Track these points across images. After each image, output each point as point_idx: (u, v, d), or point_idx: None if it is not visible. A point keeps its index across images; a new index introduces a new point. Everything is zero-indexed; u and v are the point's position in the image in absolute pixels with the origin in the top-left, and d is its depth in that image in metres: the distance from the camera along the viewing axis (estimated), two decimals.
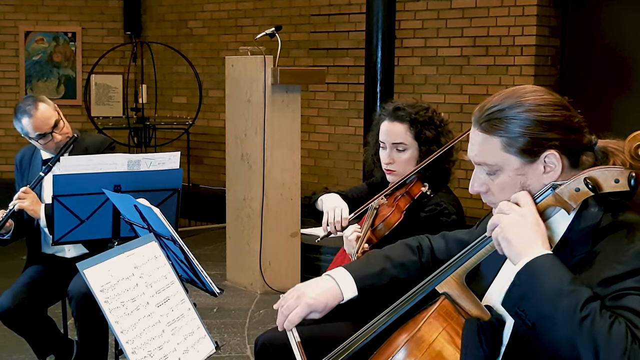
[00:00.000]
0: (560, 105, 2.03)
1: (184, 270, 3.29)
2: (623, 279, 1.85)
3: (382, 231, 3.17)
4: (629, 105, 7.35)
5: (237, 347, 5.30)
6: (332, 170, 8.85)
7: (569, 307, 1.80)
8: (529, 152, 2.00)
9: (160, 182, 3.87)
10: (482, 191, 2.12)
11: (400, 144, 3.30)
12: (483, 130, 2.05)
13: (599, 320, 1.78)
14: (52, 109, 4.32)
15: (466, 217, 3.40)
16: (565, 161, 2.01)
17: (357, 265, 2.46)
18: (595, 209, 1.99)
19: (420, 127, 3.27)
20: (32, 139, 4.33)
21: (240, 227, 6.59)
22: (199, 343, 2.54)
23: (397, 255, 2.48)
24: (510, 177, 2.04)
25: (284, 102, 6.36)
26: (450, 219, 3.19)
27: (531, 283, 1.88)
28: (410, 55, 8.25)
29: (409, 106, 3.32)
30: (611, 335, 1.76)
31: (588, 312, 1.79)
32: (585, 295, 1.82)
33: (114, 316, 2.31)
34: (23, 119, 4.27)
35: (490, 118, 2.03)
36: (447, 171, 3.36)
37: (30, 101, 4.32)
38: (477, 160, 2.09)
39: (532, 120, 1.99)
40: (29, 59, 10.42)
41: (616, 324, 1.78)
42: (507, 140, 2.01)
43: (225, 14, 9.84)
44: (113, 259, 2.42)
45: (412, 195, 3.25)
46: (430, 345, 2.05)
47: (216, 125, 9.82)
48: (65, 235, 3.92)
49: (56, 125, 4.29)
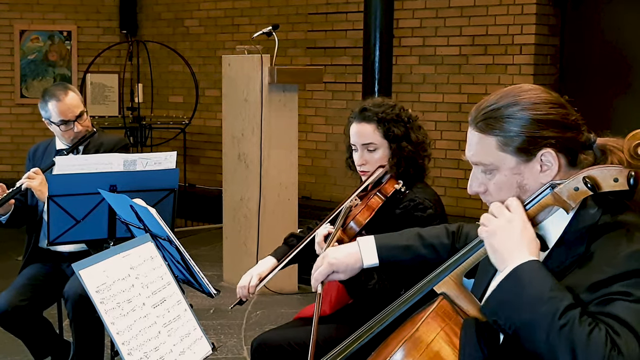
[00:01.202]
0: (556, 103, 2.03)
1: (180, 271, 3.30)
2: (611, 283, 1.84)
3: (352, 230, 3.16)
4: (628, 104, 7.36)
5: (234, 349, 5.29)
6: (330, 170, 8.83)
7: (548, 314, 1.81)
8: (524, 151, 2.00)
9: (157, 182, 3.87)
10: (481, 191, 2.12)
11: (370, 144, 3.30)
12: (479, 130, 2.05)
13: (578, 327, 1.78)
14: (80, 100, 4.41)
15: (465, 218, 3.38)
16: (562, 160, 2.01)
17: (386, 236, 2.60)
18: (593, 210, 1.98)
19: (388, 125, 3.28)
20: (53, 123, 4.36)
21: (237, 227, 6.57)
22: (195, 344, 2.54)
23: (430, 236, 2.58)
24: (506, 176, 2.04)
25: (281, 101, 6.36)
26: (426, 213, 3.18)
27: (513, 290, 1.88)
28: (409, 54, 8.25)
29: (375, 105, 3.33)
30: (590, 341, 1.76)
31: (567, 319, 1.79)
32: (566, 303, 1.82)
33: (109, 317, 2.31)
34: (50, 101, 4.33)
35: (485, 117, 2.04)
36: (422, 167, 3.36)
37: (61, 87, 4.41)
38: (474, 160, 2.09)
39: (528, 119, 1.99)
40: (24, 58, 10.42)
41: (596, 331, 1.77)
42: (502, 139, 2.01)
43: (221, 13, 9.85)
44: (109, 260, 2.42)
45: (385, 194, 3.23)
46: (429, 345, 2.05)
47: (213, 124, 9.82)
48: (60, 236, 3.90)
49: (80, 116, 4.35)
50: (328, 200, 8.57)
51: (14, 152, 10.40)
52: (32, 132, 10.33)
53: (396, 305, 2.26)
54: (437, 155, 7.82)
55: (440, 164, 7.80)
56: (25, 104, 10.40)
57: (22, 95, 10.44)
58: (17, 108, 10.46)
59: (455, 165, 7.71)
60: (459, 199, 7.56)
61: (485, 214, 2.03)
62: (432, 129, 7.90)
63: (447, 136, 7.91)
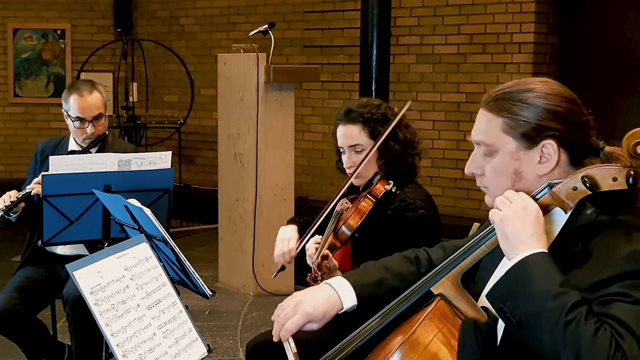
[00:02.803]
0: (567, 98, 2.06)
1: (175, 272, 3.28)
2: (609, 283, 1.85)
3: (344, 235, 3.16)
4: (629, 102, 7.37)
5: (230, 351, 5.29)
6: (326, 170, 8.80)
7: (556, 309, 1.81)
8: (528, 138, 2.03)
9: (151, 182, 3.87)
10: (478, 173, 2.15)
11: (356, 145, 3.30)
12: (488, 109, 2.09)
13: (585, 325, 1.78)
14: (103, 102, 4.41)
15: (463, 218, 3.36)
16: (563, 155, 2.02)
17: (354, 274, 2.43)
18: (591, 210, 1.99)
19: (374, 125, 3.28)
20: (69, 117, 4.35)
21: (232, 228, 6.58)
22: (190, 346, 2.54)
23: (395, 266, 2.46)
24: (505, 160, 2.06)
25: (277, 100, 6.37)
26: (418, 213, 3.18)
27: (522, 280, 1.89)
28: (406, 53, 8.23)
29: (360, 106, 3.33)
30: (596, 340, 1.76)
31: (574, 315, 1.79)
32: (574, 299, 1.82)
33: (104, 319, 2.31)
34: (72, 95, 4.34)
35: (498, 98, 2.08)
36: (412, 166, 3.35)
37: (88, 84, 4.42)
38: (477, 139, 2.12)
39: (537, 106, 2.02)
40: (18, 56, 10.39)
41: (601, 331, 1.78)
42: (510, 121, 2.04)
43: (217, 11, 9.85)
44: (103, 261, 2.42)
45: (375, 195, 3.22)
46: (426, 347, 2.05)
47: (208, 124, 9.81)
48: (54, 236, 3.90)
49: (97, 118, 4.34)
50: (325, 200, 8.47)
51: (8, 151, 10.39)
52: (25, 131, 10.33)
53: (393, 306, 2.25)
54: (435, 155, 7.82)
55: (438, 163, 7.83)
56: (18, 103, 10.40)
57: (15, 94, 10.42)
58: (11, 107, 10.44)
59: (454, 165, 7.71)
60: (457, 199, 7.59)
61: (501, 197, 2.02)
62: (430, 129, 7.93)
63: (445, 136, 7.91)
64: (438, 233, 3.24)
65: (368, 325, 2.26)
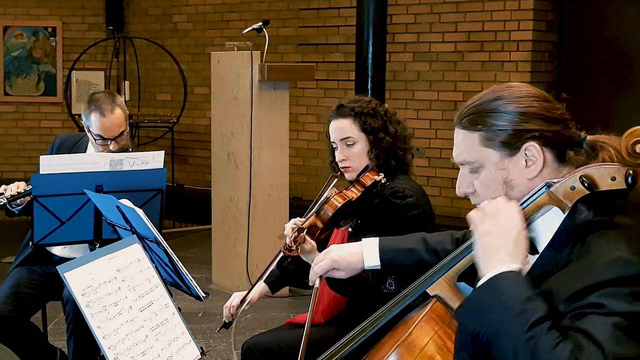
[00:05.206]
0: (539, 97, 2.05)
1: (168, 274, 3.28)
2: (586, 294, 1.80)
3: (325, 215, 3.21)
4: (627, 101, 7.38)
5: (223, 353, 5.29)
6: (321, 170, 8.81)
7: (518, 326, 1.79)
8: (508, 145, 2.01)
9: (144, 182, 3.86)
10: (470, 192, 2.13)
11: (348, 138, 3.36)
12: (463, 127, 2.08)
13: (544, 340, 1.75)
14: (125, 117, 4.26)
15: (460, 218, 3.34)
16: (547, 155, 2.01)
17: (391, 239, 2.62)
18: (585, 211, 1.95)
19: (365, 118, 3.35)
20: (90, 132, 4.22)
21: (226, 228, 6.57)
22: (183, 349, 2.57)
23: (434, 241, 2.59)
24: (491, 172, 2.05)
25: (271, 99, 6.37)
26: (405, 200, 3.21)
27: (488, 299, 1.87)
28: (403, 51, 8.24)
29: (351, 101, 3.42)
30: (553, 355, 1.73)
31: (535, 332, 1.77)
32: (537, 315, 1.79)
33: (95, 321, 2.32)
34: (94, 113, 4.15)
35: (470, 114, 2.06)
36: (403, 160, 3.41)
37: (109, 101, 4.19)
38: (459, 160, 2.11)
39: (510, 112, 2.01)
40: (8, 54, 10.38)
41: (561, 346, 1.74)
42: (486, 134, 2.03)
43: (210, 8, 9.85)
44: (95, 262, 2.43)
45: (363, 183, 3.29)
46: (422, 349, 2.06)
47: (201, 123, 9.82)
48: (45, 237, 3.87)
49: (120, 135, 4.21)
50: None
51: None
52: (15, 130, 10.32)
53: (389, 307, 2.27)
54: (432, 155, 7.80)
55: (435, 163, 7.83)
56: (9, 102, 10.39)
57: (5, 93, 10.41)
58: (1, 106, 10.44)
59: (451, 165, 7.56)
60: (454, 199, 7.56)
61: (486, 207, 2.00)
62: (427, 128, 7.97)
63: (442, 135, 7.90)
64: (428, 225, 3.23)
65: (365, 325, 2.30)
